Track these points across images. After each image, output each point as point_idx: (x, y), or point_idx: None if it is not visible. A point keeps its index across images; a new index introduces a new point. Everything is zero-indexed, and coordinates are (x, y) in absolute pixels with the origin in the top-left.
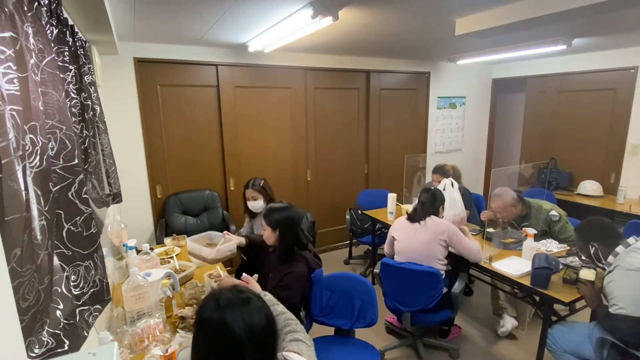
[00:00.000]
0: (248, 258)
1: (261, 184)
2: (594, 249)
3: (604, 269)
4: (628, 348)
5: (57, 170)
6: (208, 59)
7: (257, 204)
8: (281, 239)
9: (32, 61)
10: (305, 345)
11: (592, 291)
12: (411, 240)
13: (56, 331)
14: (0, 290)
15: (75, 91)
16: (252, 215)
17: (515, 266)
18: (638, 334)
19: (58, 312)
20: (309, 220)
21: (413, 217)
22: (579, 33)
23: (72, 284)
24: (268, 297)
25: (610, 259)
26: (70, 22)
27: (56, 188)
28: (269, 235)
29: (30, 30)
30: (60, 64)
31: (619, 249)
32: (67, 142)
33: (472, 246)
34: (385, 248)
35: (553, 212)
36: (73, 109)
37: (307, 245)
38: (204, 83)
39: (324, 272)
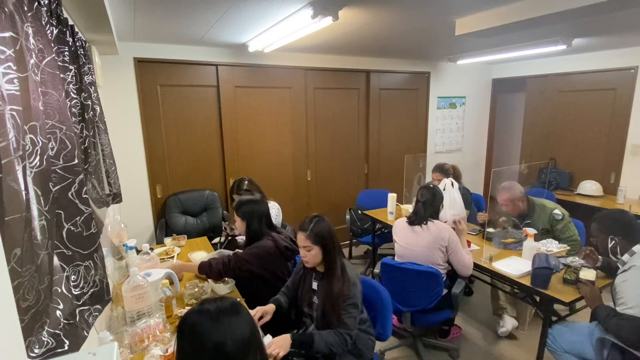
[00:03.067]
0: None
1: (244, 187)
2: (613, 242)
3: (617, 266)
4: (628, 348)
5: (57, 170)
6: (208, 59)
7: None
8: (247, 227)
9: (32, 61)
10: None
11: (592, 291)
12: (411, 245)
13: (56, 331)
14: (0, 290)
15: (75, 91)
16: None
17: (515, 266)
18: None
19: (58, 312)
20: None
21: (414, 221)
22: (579, 33)
23: (72, 284)
24: None
25: (626, 257)
26: (70, 22)
27: (56, 188)
28: (239, 224)
29: (30, 30)
30: (60, 64)
31: (637, 248)
32: (67, 142)
33: (466, 260)
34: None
35: (556, 211)
36: (73, 109)
37: (274, 228)
38: (204, 83)
39: None
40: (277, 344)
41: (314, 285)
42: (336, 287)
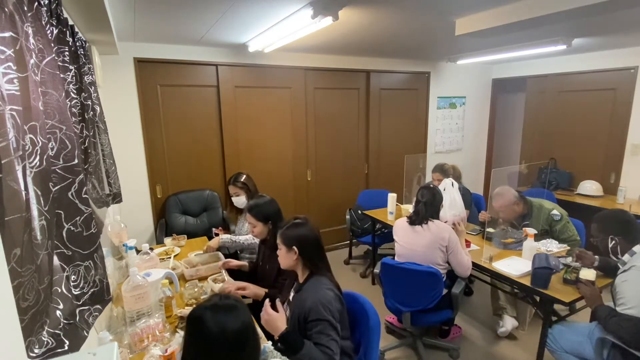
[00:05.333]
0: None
1: (242, 180)
2: (613, 242)
3: (616, 266)
4: (629, 348)
5: (57, 170)
6: (208, 59)
7: (239, 200)
8: (275, 230)
9: (32, 61)
10: None
11: (592, 291)
12: (412, 244)
13: (56, 331)
14: (0, 290)
15: (75, 91)
16: (239, 211)
17: (515, 266)
18: None
19: (58, 312)
20: None
21: (415, 220)
22: (579, 33)
23: (72, 284)
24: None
25: (626, 257)
26: (70, 22)
27: (56, 188)
28: (260, 229)
29: (30, 30)
30: (60, 64)
31: (637, 248)
32: (67, 142)
33: (465, 261)
34: None
35: (555, 212)
36: (73, 109)
37: None
38: (204, 83)
39: None
40: (271, 318)
41: (291, 296)
42: (296, 299)
